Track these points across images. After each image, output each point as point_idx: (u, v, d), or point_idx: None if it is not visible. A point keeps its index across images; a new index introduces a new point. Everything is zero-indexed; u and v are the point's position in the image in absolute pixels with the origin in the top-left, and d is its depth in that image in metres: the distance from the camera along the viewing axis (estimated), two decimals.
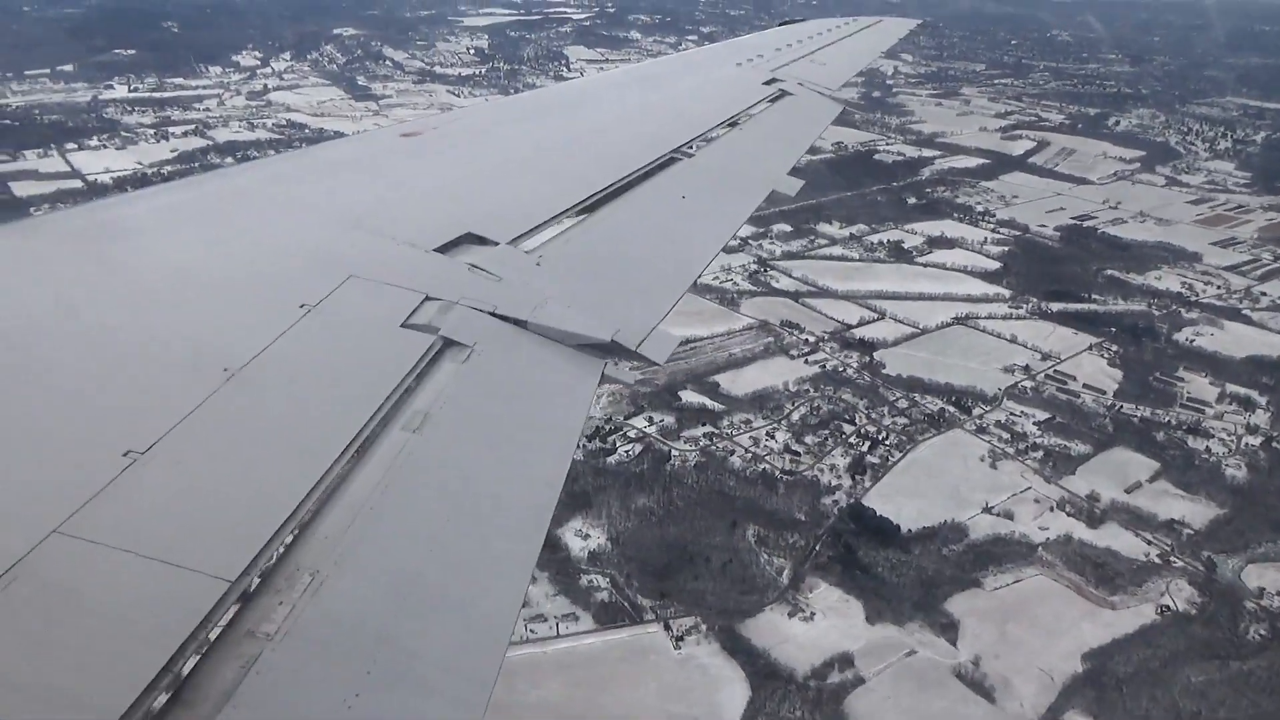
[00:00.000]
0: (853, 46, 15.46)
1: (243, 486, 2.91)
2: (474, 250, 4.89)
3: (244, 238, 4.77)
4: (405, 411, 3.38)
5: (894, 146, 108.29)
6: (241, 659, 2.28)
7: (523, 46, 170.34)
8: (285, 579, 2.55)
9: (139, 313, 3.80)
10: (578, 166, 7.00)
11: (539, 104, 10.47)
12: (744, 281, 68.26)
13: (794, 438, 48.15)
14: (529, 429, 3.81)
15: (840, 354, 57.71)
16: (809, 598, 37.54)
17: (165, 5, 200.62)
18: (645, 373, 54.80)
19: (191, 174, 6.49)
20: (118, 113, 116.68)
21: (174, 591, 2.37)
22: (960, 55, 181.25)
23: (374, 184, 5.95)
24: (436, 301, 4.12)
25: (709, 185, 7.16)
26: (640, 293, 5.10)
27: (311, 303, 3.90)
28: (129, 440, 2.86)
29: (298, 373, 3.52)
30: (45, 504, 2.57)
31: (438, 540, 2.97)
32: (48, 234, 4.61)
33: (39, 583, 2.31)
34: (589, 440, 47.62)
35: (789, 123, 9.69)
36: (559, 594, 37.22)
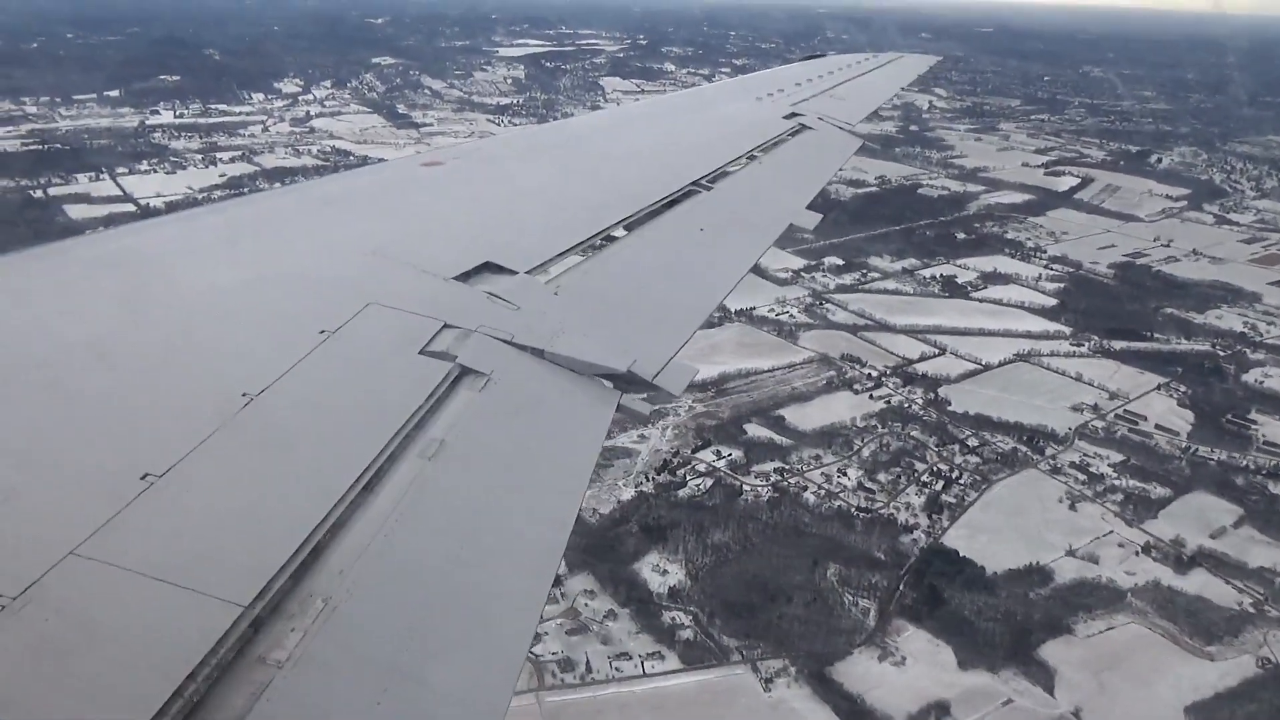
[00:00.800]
0: (872, 82, 15.46)
1: (258, 511, 2.90)
2: (492, 279, 4.90)
3: (266, 263, 4.80)
4: (421, 438, 3.37)
5: (937, 181, 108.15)
6: (252, 685, 2.25)
7: (558, 77, 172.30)
8: (298, 605, 2.52)
9: (160, 336, 3.85)
10: (597, 197, 6.96)
11: (559, 135, 10.51)
12: (800, 314, 67.91)
13: (866, 475, 47.40)
14: (544, 458, 3.79)
15: (904, 389, 57.00)
16: (897, 641, 36.62)
17: (205, 33, 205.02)
18: (708, 405, 54.44)
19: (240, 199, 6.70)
20: (165, 138, 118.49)
21: (187, 616, 2.36)
22: (993, 90, 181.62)
23: (395, 212, 6.03)
24: (455, 329, 4.14)
25: (727, 218, 7.15)
26: (657, 324, 5.10)
27: (331, 329, 3.92)
28: (147, 463, 2.86)
29: (316, 398, 3.52)
30: (63, 525, 2.57)
31: (451, 570, 2.94)
32: (71, 258, 4.64)
33: (54, 605, 2.30)
34: (657, 473, 47.19)
35: (808, 157, 9.71)
36: (641, 631, 36.50)
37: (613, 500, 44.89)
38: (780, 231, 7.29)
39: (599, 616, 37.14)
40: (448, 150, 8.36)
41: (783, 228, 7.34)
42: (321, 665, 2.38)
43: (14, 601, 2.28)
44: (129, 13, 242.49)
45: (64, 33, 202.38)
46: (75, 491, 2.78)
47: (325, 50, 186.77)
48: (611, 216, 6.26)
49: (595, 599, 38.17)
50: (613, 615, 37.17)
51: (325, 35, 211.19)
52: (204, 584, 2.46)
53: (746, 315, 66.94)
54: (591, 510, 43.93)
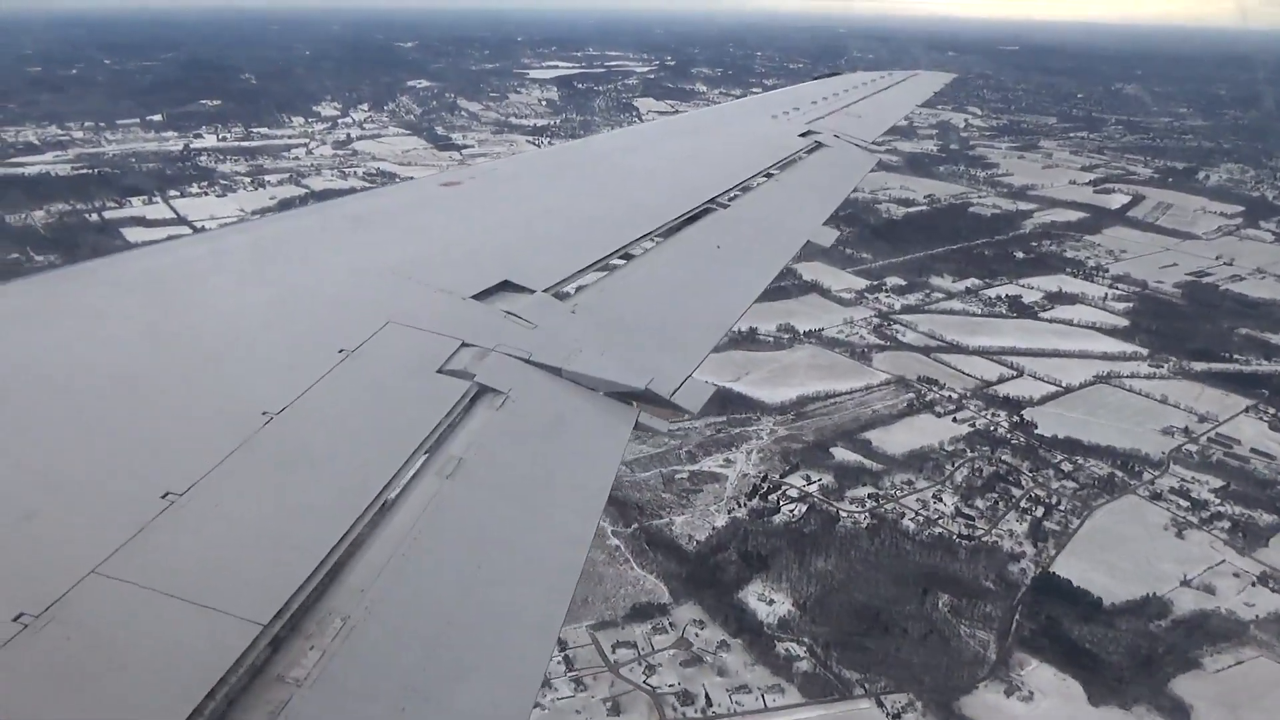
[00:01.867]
0: (888, 99, 15.41)
1: (278, 529, 2.90)
2: (510, 298, 4.91)
3: (286, 283, 4.82)
4: (440, 457, 3.38)
5: (987, 199, 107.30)
6: (270, 705, 2.24)
7: (592, 98, 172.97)
8: (317, 624, 2.52)
9: (182, 355, 3.86)
10: (614, 216, 6.97)
11: (576, 154, 10.52)
12: (870, 335, 67.02)
13: (963, 500, 46.31)
14: (562, 477, 3.75)
15: (986, 412, 55.94)
16: (1022, 674, 35.45)
17: (237, 58, 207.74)
18: (790, 428, 53.58)
19: None
20: (211, 161, 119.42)
21: (206, 634, 2.36)
22: (1027, 108, 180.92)
23: (414, 231, 6.04)
24: (473, 348, 4.15)
25: (744, 236, 7.12)
26: (674, 341, 5.06)
27: (350, 347, 3.94)
28: (168, 482, 2.88)
29: (335, 417, 3.52)
30: (85, 543, 2.58)
31: (468, 590, 2.90)
32: (94, 279, 4.67)
33: (75, 623, 2.31)
34: (748, 498, 46.33)
35: (824, 174, 9.62)
36: (757, 663, 35.54)
37: (707, 526, 44.07)
38: (797, 249, 7.29)
39: (711, 647, 36.22)
40: (466, 170, 8.36)
41: (799, 245, 7.31)
42: (340, 684, 2.37)
43: (37, 619, 2.29)
44: (159, 39, 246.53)
45: (100, 59, 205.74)
46: (97, 510, 2.79)
47: (357, 73, 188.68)
48: (628, 235, 6.26)
49: (705, 629, 37.28)
50: (725, 646, 36.24)
51: (355, 59, 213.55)
52: (223, 602, 2.46)
53: (816, 337, 66.18)
54: (688, 537, 43.20)
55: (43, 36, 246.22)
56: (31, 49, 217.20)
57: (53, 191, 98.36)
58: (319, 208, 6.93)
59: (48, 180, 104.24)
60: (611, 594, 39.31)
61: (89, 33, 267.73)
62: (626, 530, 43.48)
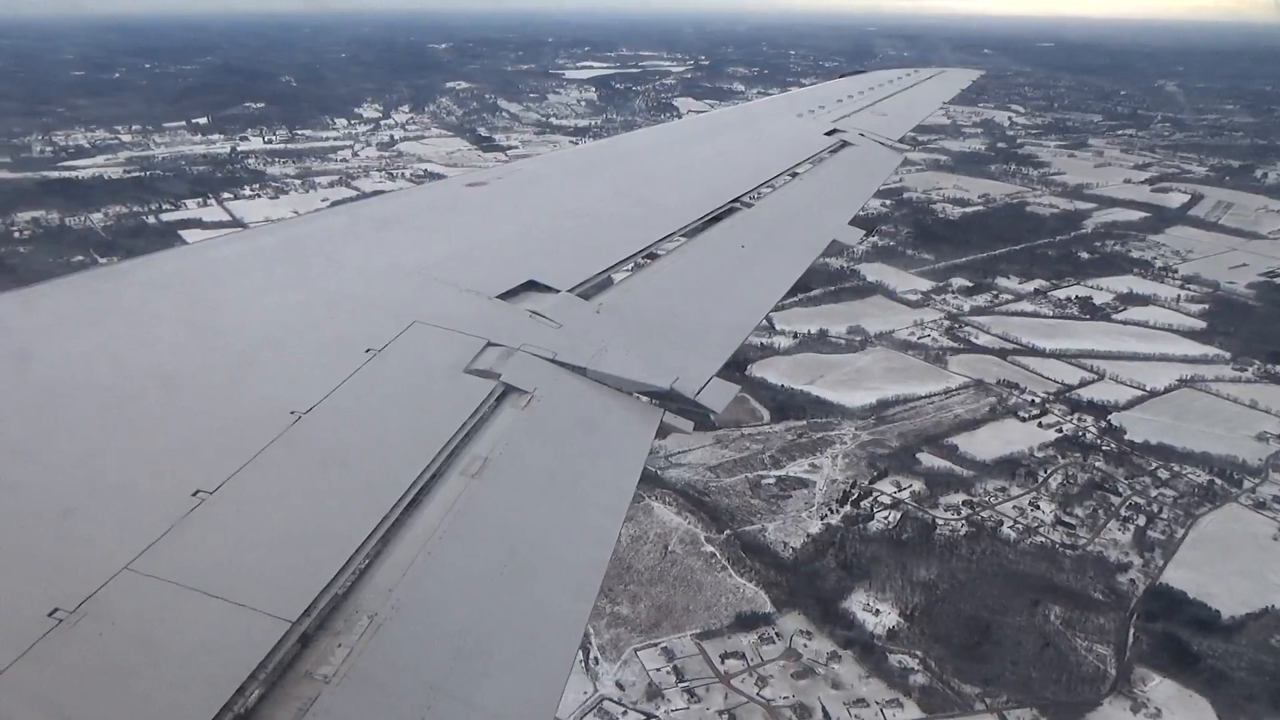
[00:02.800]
0: (914, 97, 15.25)
1: (306, 527, 2.91)
2: (535, 298, 4.90)
3: (314, 283, 4.83)
4: (465, 456, 3.38)
5: (1043, 199, 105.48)
6: (299, 700, 2.26)
7: (630, 98, 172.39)
8: (344, 621, 2.53)
9: (212, 355, 3.89)
10: (638, 216, 6.95)
11: (600, 154, 10.47)
12: (942, 337, 65.85)
13: (1060, 508, 45.14)
14: (587, 476, 3.76)
15: (1072, 417, 54.63)
16: (1145, 690, 34.33)
17: (275, 61, 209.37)
18: (872, 433, 52.63)
19: None
20: (260, 164, 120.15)
21: (236, 630, 2.38)
22: (1071, 106, 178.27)
23: (440, 232, 6.05)
24: (498, 348, 4.15)
25: (769, 235, 7.05)
26: (699, 342, 5.03)
27: (377, 347, 3.95)
28: (199, 479, 2.90)
29: (362, 416, 3.54)
30: (118, 540, 2.60)
31: (494, 589, 2.90)
32: (126, 280, 4.69)
33: (108, 618, 2.33)
34: (839, 504, 45.46)
35: (850, 173, 9.57)
36: (870, 675, 34.65)
37: (800, 533, 43.25)
38: (823, 248, 7.17)
39: (822, 659, 35.40)
40: (491, 170, 8.39)
41: (825, 244, 7.23)
42: (367, 681, 2.37)
43: (71, 614, 2.31)
44: (194, 44, 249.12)
45: (139, 63, 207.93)
46: (130, 507, 2.81)
47: (395, 75, 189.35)
48: (653, 235, 6.24)
49: (812, 639, 36.46)
50: (836, 657, 35.40)
51: (390, 61, 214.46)
52: (253, 599, 2.46)
53: (887, 339, 65.14)
54: (782, 544, 42.44)
55: (80, 41, 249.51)
56: (72, 54, 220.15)
57: (108, 194, 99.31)
58: (346, 209, 6.91)
59: (102, 183, 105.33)
60: (712, 602, 38.60)
61: (125, 38, 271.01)
62: (719, 537, 42.75)
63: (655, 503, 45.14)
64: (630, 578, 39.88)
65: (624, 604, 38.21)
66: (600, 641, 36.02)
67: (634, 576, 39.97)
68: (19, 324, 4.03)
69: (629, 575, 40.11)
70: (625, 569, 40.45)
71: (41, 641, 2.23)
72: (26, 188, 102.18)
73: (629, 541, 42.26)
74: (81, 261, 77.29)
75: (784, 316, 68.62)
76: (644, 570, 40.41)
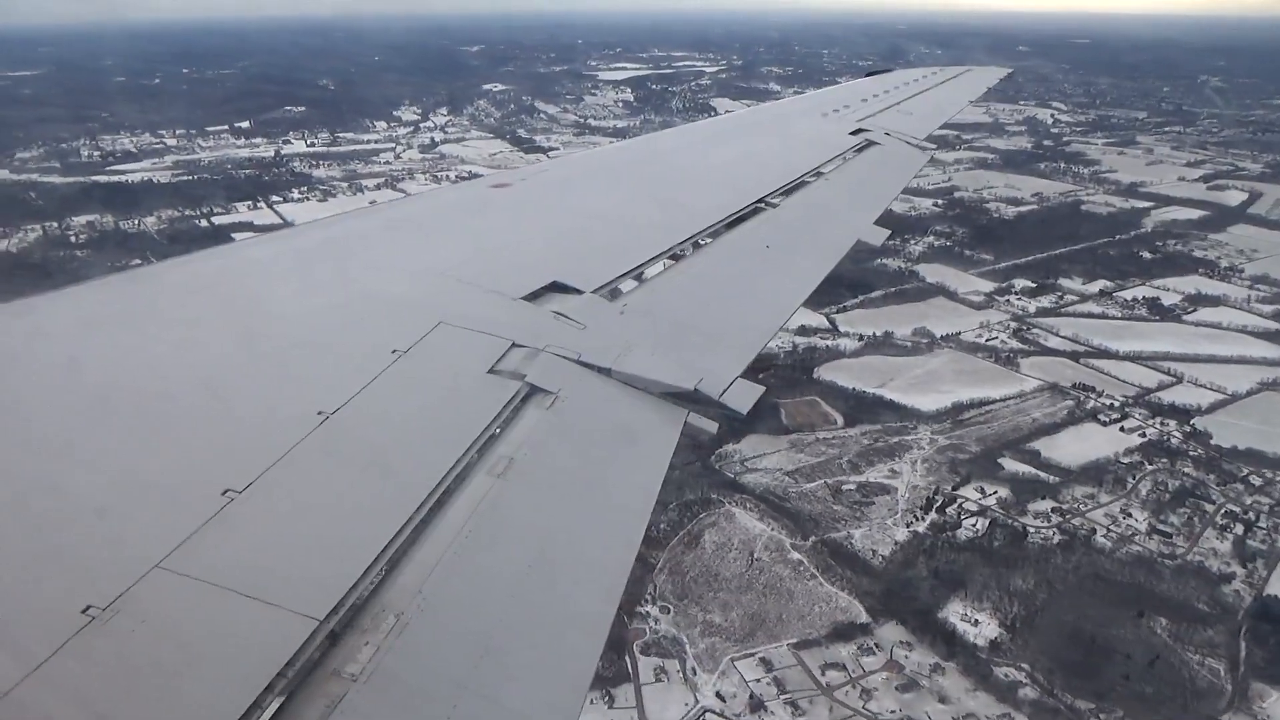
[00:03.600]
0: (940, 96, 15.10)
1: (333, 526, 2.93)
2: (560, 298, 4.88)
3: (341, 284, 4.85)
4: (490, 456, 3.39)
5: (1097, 197, 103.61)
6: (327, 699, 2.28)
7: (667, 99, 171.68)
8: (371, 620, 2.55)
9: (242, 356, 3.93)
10: (662, 216, 6.90)
11: (624, 156, 10.39)
12: (1010, 339, 64.60)
13: (1153, 516, 43.93)
14: (612, 477, 3.75)
15: (1154, 421, 53.28)
16: (1264, 706, 33.18)
17: (310, 66, 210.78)
18: (950, 437, 51.60)
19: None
20: (304, 167, 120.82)
21: (265, 628, 2.40)
22: (1113, 103, 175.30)
23: (465, 233, 6.06)
24: (523, 349, 4.16)
25: (793, 235, 7.01)
26: (723, 342, 5.00)
27: (403, 348, 3.97)
28: (228, 479, 2.93)
29: (388, 416, 3.56)
30: (150, 539, 2.63)
31: (519, 589, 2.91)
32: (157, 282, 4.75)
33: (140, 615, 2.36)
34: (924, 511, 44.52)
35: (875, 173, 9.46)
36: (977, 689, 33.76)
37: (888, 540, 42.39)
38: (847, 249, 7.07)
39: (925, 671, 34.54)
40: (516, 172, 8.42)
41: (849, 245, 7.14)
42: (394, 680, 2.39)
43: (104, 611, 2.34)
44: (229, 49, 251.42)
45: (179, 69, 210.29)
46: (162, 506, 2.83)
47: (431, 78, 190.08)
48: (676, 235, 6.19)
49: (913, 651, 35.61)
50: (939, 669, 34.53)
51: (425, 64, 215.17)
52: (281, 597, 2.48)
53: (954, 341, 63.99)
54: (871, 551, 41.60)
55: (117, 48, 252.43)
56: (111, 60, 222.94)
57: (159, 198, 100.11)
58: (373, 211, 6.89)
59: (152, 187, 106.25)
60: (805, 611, 37.86)
61: (160, 44, 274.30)
62: (805, 544, 42.00)
63: (736, 508, 44.49)
64: (719, 585, 39.25)
65: (715, 612, 37.57)
66: (695, 651, 35.42)
67: (722, 584, 39.33)
68: (54, 326, 4.05)
69: (717, 583, 39.49)
70: (713, 576, 39.87)
71: (75, 638, 2.26)
72: (79, 192, 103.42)
73: (714, 548, 41.70)
74: (139, 265, 78.04)
75: (847, 318, 67.79)
76: (731, 578, 39.75)
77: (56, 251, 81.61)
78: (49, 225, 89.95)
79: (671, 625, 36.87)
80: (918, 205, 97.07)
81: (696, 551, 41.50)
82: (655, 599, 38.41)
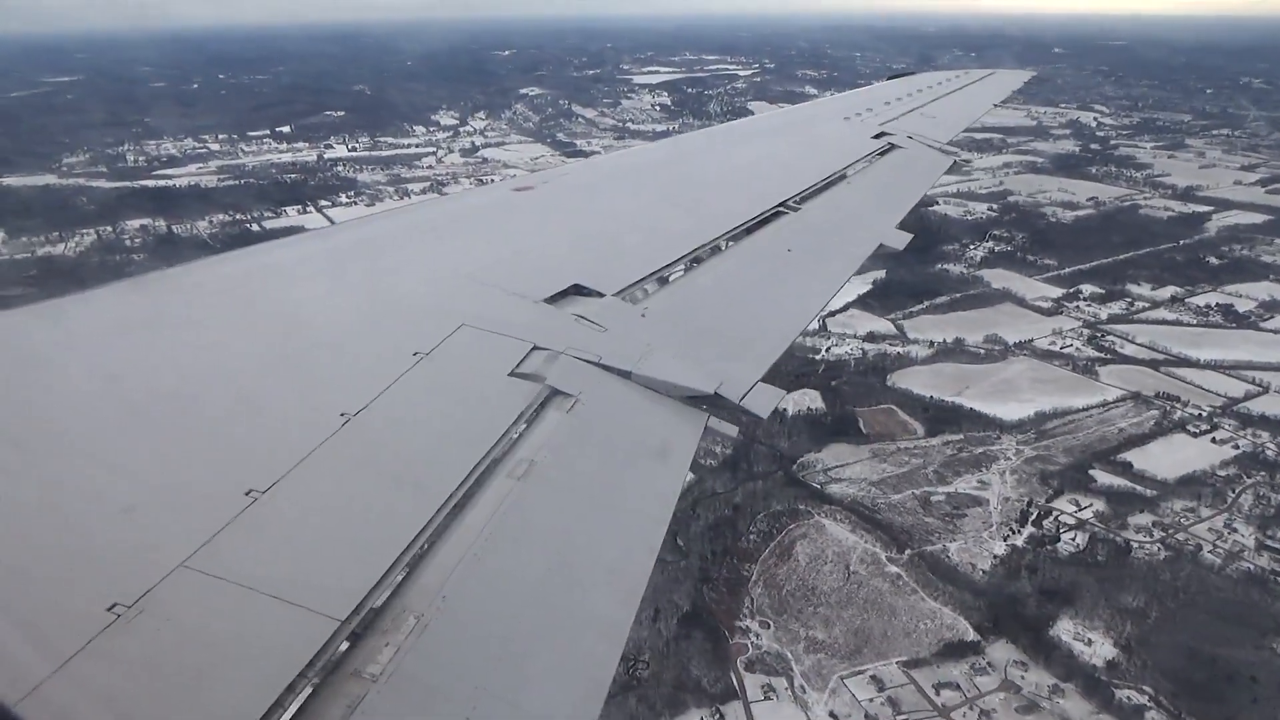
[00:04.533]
0: (964, 99, 14.94)
1: (354, 528, 2.94)
2: (581, 301, 4.87)
3: (364, 287, 4.90)
4: (511, 459, 3.38)
5: (1154, 202, 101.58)
6: (347, 699, 2.29)
7: (703, 102, 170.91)
8: (391, 621, 2.56)
9: (266, 357, 3.95)
10: (683, 220, 6.87)
11: (646, 159, 10.36)
12: (1085, 347, 63.11)
13: (1261, 532, 42.46)
14: (632, 480, 3.72)
15: (1245, 432, 51.68)
16: None
17: (344, 72, 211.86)
18: (1035, 448, 50.30)
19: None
20: (350, 171, 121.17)
21: (287, 628, 2.40)
22: (1156, 106, 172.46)
23: (487, 236, 6.06)
24: (544, 351, 4.15)
25: (815, 239, 6.97)
26: (744, 346, 4.95)
27: (425, 350, 3.99)
28: (252, 479, 2.94)
29: (410, 418, 3.57)
30: (174, 538, 2.65)
31: (539, 591, 2.91)
32: (181, 284, 4.74)
33: (164, 614, 2.37)
34: (1019, 524, 43.28)
35: (898, 176, 9.41)
36: (1100, 712, 32.53)
37: (985, 554, 41.19)
38: (869, 252, 7.08)
39: (1044, 692, 33.35)
40: (539, 175, 8.49)
41: (872, 248, 7.14)
42: (413, 681, 2.39)
43: (129, 609, 2.36)
44: (261, 55, 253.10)
45: (215, 74, 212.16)
46: (186, 506, 2.85)
47: (466, 83, 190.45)
48: (698, 239, 6.18)
49: (1028, 671, 34.42)
50: (1059, 691, 33.31)
51: (457, 69, 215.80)
52: (303, 598, 2.49)
53: (1027, 349, 62.60)
54: (970, 565, 40.45)
55: (152, 54, 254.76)
56: (148, 66, 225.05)
57: (209, 202, 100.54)
58: (395, 213, 6.79)
59: (200, 191, 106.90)
60: (910, 628, 36.76)
61: (193, 50, 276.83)
62: (901, 557, 40.89)
63: (825, 520, 43.47)
64: (817, 600, 38.25)
65: (818, 628, 36.57)
66: (802, 668, 34.45)
67: (821, 598, 38.32)
68: (81, 328, 4.01)
69: (815, 597, 38.50)
70: (810, 590, 38.89)
71: (101, 635, 2.27)
72: (129, 197, 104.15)
73: (807, 561, 40.73)
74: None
75: (914, 324, 66.64)
76: (829, 592, 38.73)
77: (112, 256, 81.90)
78: (102, 229, 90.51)
79: (774, 641, 35.91)
80: (973, 209, 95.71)
81: (790, 564, 40.53)
82: (754, 613, 37.48)
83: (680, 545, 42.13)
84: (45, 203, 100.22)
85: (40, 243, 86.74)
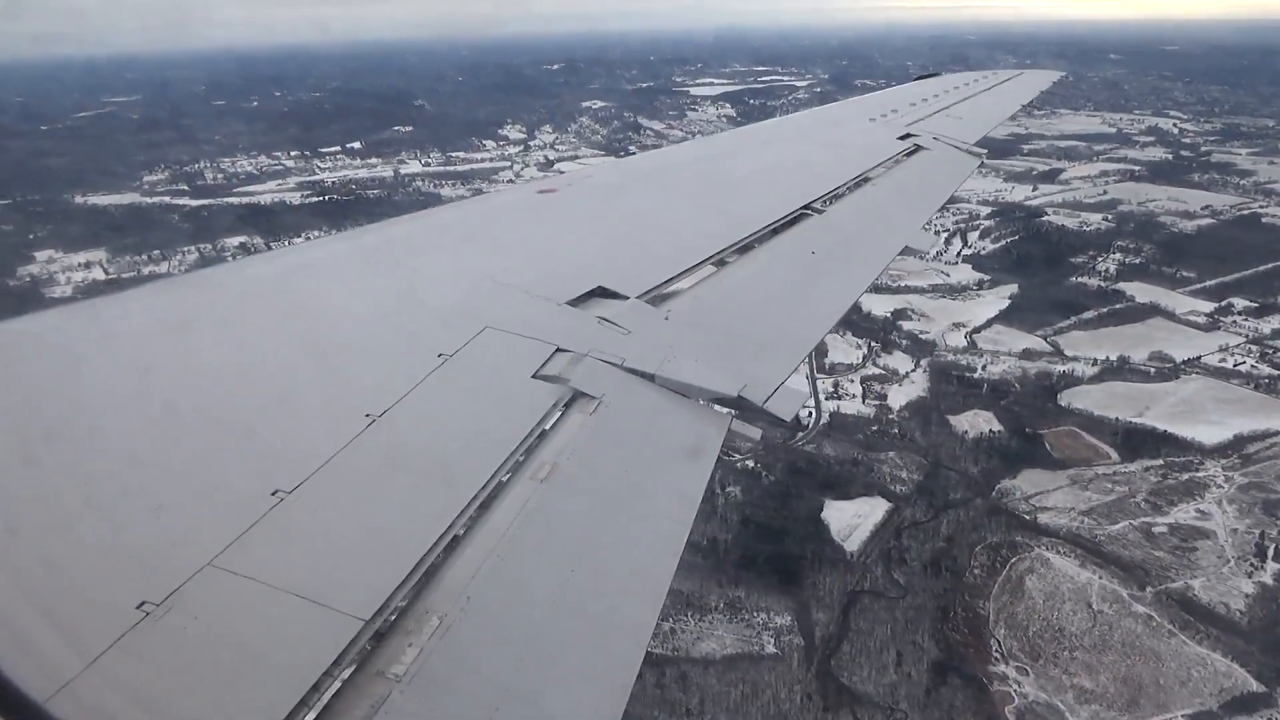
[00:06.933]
0: (990, 100, 14.83)
1: (379, 528, 2.93)
2: (604, 304, 4.85)
3: (388, 289, 4.85)
4: (534, 461, 3.37)
5: (1270, 210, 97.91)
6: (372, 699, 2.29)
7: (768, 113, 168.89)
8: (415, 621, 2.56)
9: (291, 359, 3.93)
10: (708, 222, 6.84)
11: (670, 161, 10.17)
12: (1260, 364, 59.94)
13: None
14: (655, 482, 3.69)
15: None
16: None
17: (400, 86, 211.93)
18: (1244, 474, 47.25)
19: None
20: (429, 186, 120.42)
21: (312, 627, 2.40)
22: (1233, 110, 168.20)
23: (511, 238, 6.01)
24: (567, 353, 4.12)
25: (840, 241, 6.87)
26: (768, 348, 4.88)
27: (449, 352, 3.96)
28: (278, 479, 2.93)
29: (434, 419, 3.55)
30: (202, 538, 2.63)
31: (562, 593, 2.89)
32: (207, 285, 4.83)
33: (192, 612, 2.38)
34: (1258, 558, 40.32)
35: (923, 178, 9.26)
36: None
37: (1235, 592, 38.35)
38: (894, 255, 7.00)
39: None
40: (562, 177, 8.40)
41: (896, 251, 7.06)
42: (437, 682, 2.39)
43: (158, 608, 2.36)
44: (312, 72, 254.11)
45: (271, 91, 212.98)
46: (214, 505, 2.84)
47: (522, 96, 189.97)
48: (722, 241, 6.12)
49: None
50: None
51: (511, 83, 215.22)
52: (328, 597, 2.49)
53: (1197, 365, 59.56)
54: (1222, 605, 37.57)
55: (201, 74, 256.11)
56: (204, 85, 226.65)
57: (299, 218, 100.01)
58: (420, 216, 6.64)
59: (287, 207, 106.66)
60: (1184, 676, 33.97)
61: (241, 69, 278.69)
62: (1144, 594, 38.11)
63: (1049, 553, 40.79)
64: (1070, 643, 35.55)
65: (1081, 675, 33.89)
66: None
67: (1074, 641, 35.62)
68: (111, 329, 3.97)
69: (1064, 639, 35.82)
70: (1057, 631, 36.22)
71: (130, 633, 2.28)
72: (219, 213, 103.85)
73: (1043, 598, 38.09)
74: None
75: (1066, 340, 63.94)
76: (1079, 634, 36.03)
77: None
78: (203, 247, 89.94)
79: (1038, 689, 33.27)
80: (1087, 220, 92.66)
81: (1026, 601, 37.88)
82: (1006, 657, 34.85)
83: (898, 580, 39.70)
84: (138, 221, 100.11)
85: (143, 261, 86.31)
